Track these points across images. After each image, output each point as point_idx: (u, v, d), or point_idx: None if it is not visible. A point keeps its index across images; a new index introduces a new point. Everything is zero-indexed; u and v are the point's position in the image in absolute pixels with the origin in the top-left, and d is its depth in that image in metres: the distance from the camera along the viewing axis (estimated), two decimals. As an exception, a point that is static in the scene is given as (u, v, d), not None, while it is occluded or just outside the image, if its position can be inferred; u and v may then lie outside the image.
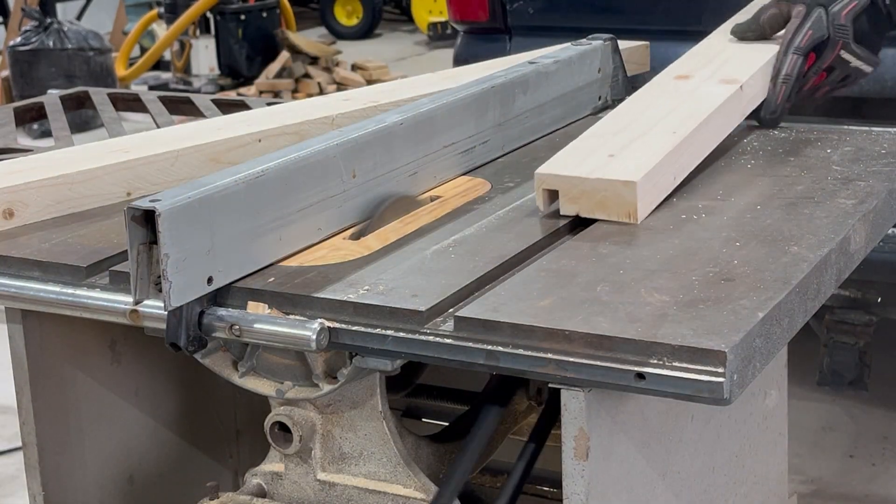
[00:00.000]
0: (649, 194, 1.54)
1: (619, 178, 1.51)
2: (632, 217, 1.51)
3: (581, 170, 1.54)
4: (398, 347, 1.31)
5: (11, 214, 1.62)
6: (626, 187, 1.50)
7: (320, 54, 8.81)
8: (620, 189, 1.51)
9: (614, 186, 1.51)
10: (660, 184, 1.58)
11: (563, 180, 1.54)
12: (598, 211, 1.52)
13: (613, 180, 1.51)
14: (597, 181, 1.52)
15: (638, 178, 1.51)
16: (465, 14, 3.64)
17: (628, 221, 1.51)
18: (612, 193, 1.51)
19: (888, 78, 3.05)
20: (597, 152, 1.60)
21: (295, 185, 1.46)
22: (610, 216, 1.52)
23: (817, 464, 3.38)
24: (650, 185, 1.54)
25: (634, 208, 1.50)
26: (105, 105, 2.53)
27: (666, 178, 1.59)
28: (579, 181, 1.52)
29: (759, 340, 1.24)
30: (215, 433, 1.96)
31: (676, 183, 1.62)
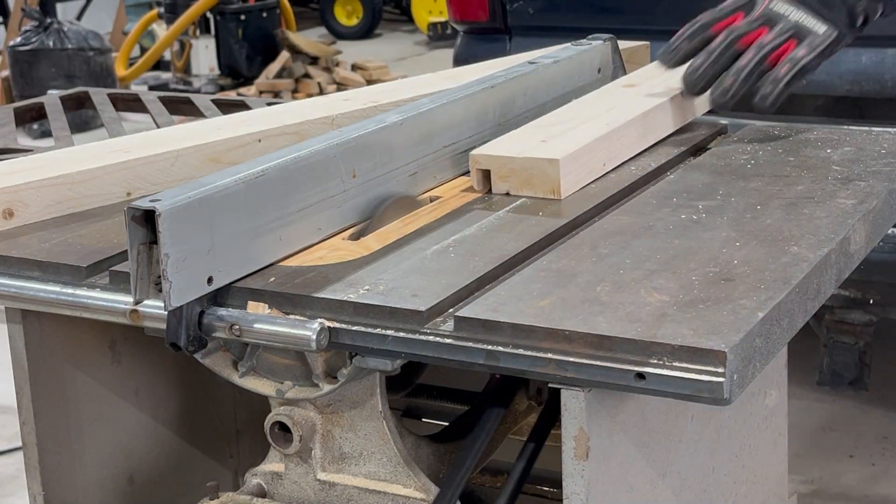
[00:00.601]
0: (574, 173, 1.64)
1: (545, 156, 1.63)
2: (555, 193, 1.62)
3: (512, 151, 1.67)
4: (398, 347, 1.31)
5: (11, 214, 1.62)
6: (551, 165, 1.62)
7: (320, 54, 8.81)
8: (545, 167, 1.62)
9: (540, 164, 1.63)
10: (587, 165, 1.68)
11: (494, 160, 1.66)
12: (526, 188, 1.64)
13: (539, 158, 1.63)
14: (524, 160, 1.64)
15: (561, 156, 1.62)
16: (465, 14, 3.64)
17: (553, 197, 1.61)
18: (537, 171, 1.63)
19: (888, 78, 3.06)
20: (531, 138, 1.72)
21: (295, 185, 1.46)
22: (536, 193, 1.63)
23: (817, 464, 3.38)
24: (575, 164, 1.65)
25: (558, 185, 1.62)
26: (105, 105, 2.53)
27: (594, 162, 1.69)
28: (508, 160, 1.65)
29: (759, 340, 1.24)
30: (215, 433, 1.96)
31: (606, 169, 1.72)
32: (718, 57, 1.82)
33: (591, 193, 1.65)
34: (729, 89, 1.79)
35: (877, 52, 3.05)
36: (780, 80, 1.78)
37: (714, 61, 1.82)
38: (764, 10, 1.84)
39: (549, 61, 1.98)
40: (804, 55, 1.80)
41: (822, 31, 1.81)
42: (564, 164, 1.62)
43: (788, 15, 1.82)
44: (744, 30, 1.82)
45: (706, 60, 1.82)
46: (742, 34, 1.82)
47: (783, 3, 1.83)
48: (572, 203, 1.62)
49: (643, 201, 1.62)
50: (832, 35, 1.81)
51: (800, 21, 1.82)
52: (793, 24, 1.81)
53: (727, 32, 1.83)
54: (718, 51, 1.82)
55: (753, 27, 1.83)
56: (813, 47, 1.80)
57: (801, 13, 1.82)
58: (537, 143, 1.69)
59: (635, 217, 1.55)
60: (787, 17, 1.82)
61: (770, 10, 1.83)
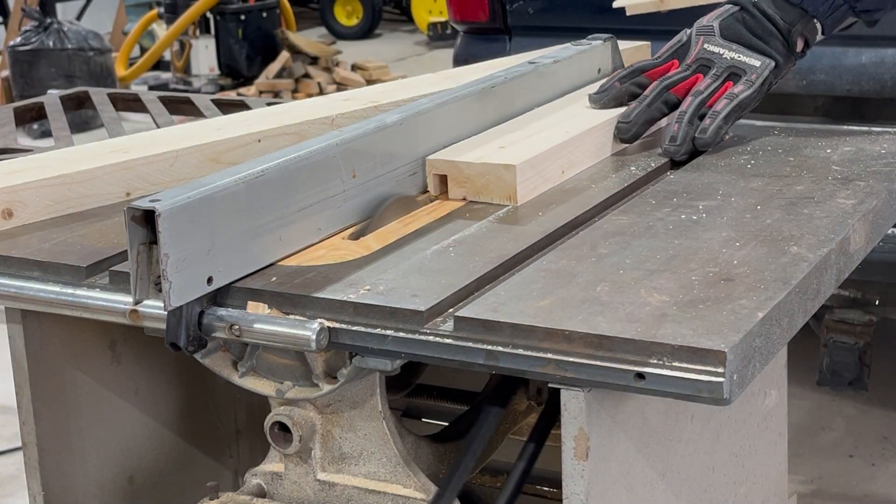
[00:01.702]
0: (531, 180, 1.63)
1: (501, 162, 1.61)
2: (512, 200, 1.60)
3: (468, 156, 1.65)
4: (398, 347, 1.31)
5: (10, 214, 1.62)
6: (507, 171, 1.60)
7: (320, 54, 8.81)
8: (501, 172, 1.60)
9: (496, 170, 1.61)
10: (544, 172, 1.66)
11: (450, 165, 1.64)
12: (483, 194, 1.62)
13: (495, 164, 1.61)
14: (480, 165, 1.62)
15: (517, 162, 1.60)
16: (465, 14, 3.64)
17: (509, 204, 1.60)
18: (494, 177, 1.61)
19: (888, 78, 3.06)
20: (489, 144, 1.70)
21: (295, 185, 1.46)
22: (493, 199, 1.61)
23: (817, 464, 3.38)
24: (532, 171, 1.63)
25: (514, 191, 1.60)
26: (105, 105, 2.53)
27: (552, 169, 1.67)
28: (465, 166, 1.63)
29: (759, 340, 1.24)
30: (215, 433, 1.96)
31: (566, 176, 1.70)
32: (650, 104, 1.80)
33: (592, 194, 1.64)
34: (676, 136, 1.76)
35: (877, 52, 3.06)
36: (718, 113, 1.77)
37: (644, 109, 1.80)
38: (698, 53, 1.83)
39: (549, 61, 1.98)
40: (741, 90, 1.79)
41: (757, 64, 1.81)
42: (521, 171, 1.60)
43: (723, 54, 1.82)
44: (676, 77, 1.82)
45: (637, 108, 1.80)
46: (674, 82, 1.82)
47: (716, 44, 1.83)
48: (578, 199, 1.61)
49: (643, 201, 1.62)
50: (769, 66, 1.81)
51: (735, 59, 1.81)
52: (728, 64, 1.81)
53: (659, 81, 1.82)
54: (650, 98, 1.80)
55: (687, 74, 1.82)
56: (751, 83, 1.79)
57: (735, 51, 1.82)
58: (495, 149, 1.67)
59: (635, 217, 1.55)
60: (722, 56, 1.82)
61: (704, 52, 1.83)
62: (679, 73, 1.83)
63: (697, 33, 1.85)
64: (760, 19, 1.83)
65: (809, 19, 1.84)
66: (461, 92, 1.78)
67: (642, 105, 1.80)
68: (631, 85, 1.85)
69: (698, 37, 1.84)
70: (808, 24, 1.84)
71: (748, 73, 1.80)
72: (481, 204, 1.61)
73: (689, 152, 1.77)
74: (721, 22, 1.84)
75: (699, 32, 1.85)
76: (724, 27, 1.84)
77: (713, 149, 1.86)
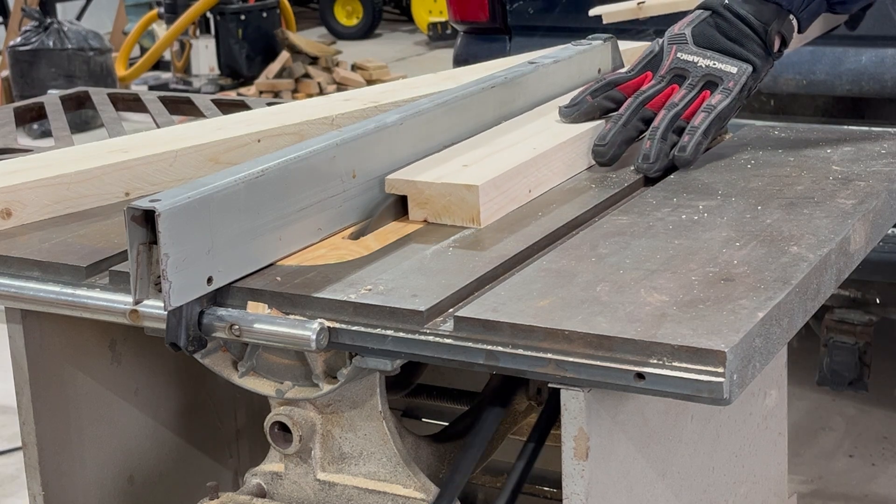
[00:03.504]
0: (494, 201, 1.54)
1: (463, 182, 1.53)
2: (475, 222, 1.52)
3: (429, 176, 1.56)
4: (398, 347, 1.31)
5: (9, 214, 1.62)
6: (469, 191, 1.52)
7: (320, 54, 8.82)
8: (464, 193, 1.52)
9: (458, 191, 1.53)
10: (509, 192, 1.57)
11: (411, 185, 1.56)
12: (445, 216, 1.54)
13: (457, 185, 1.53)
14: (442, 186, 1.54)
15: (480, 182, 1.52)
16: (465, 14, 3.65)
17: (472, 226, 1.52)
18: (456, 198, 1.53)
19: (888, 78, 3.06)
20: (453, 161, 1.62)
21: (295, 185, 1.46)
22: (455, 221, 1.53)
23: (817, 464, 3.38)
24: (496, 191, 1.55)
25: (477, 212, 1.52)
26: (105, 105, 2.53)
27: (518, 188, 1.59)
28: (426, 186, 1.55)
29: (759, 340, 1.24)
30: (215, 433, 1.96)
31: (532, 196, 1.62)
32: (626, 123, 1.72)
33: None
34: (649, 154, 1.69)
35: (877, 52, 3.06)
36: (696, 128, 1.70)
37: (621, 129, 1.72)
38: (671, 62, 1.77)
39: (549, 61, 1.98)
40: (719, 101, 1.72)
41: (734, 70, 1.74)
42: (484, 192, 1.52)
43: (697, 62, 1.75)
44: (651, 91, 1.75)
45: (613, 128, 1.72)
46: (650, 97, 1.75)
47: (690, 52, 1.76)
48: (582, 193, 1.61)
49: (643, 201, 1.62)
50: (746, 71, 1.74)
51: (710, 66, 1.74)
52: (703, 73, 1.74)
53: (634, 97, 1.75)
54: (625, 117, 1.72)
55: (662, 87, 1.75)
56: (728, 91, 1.73)
57: (710, 58, 1.75)
58: (458, 167, 1.59)
59: (635, 217, 1.55)
60: (697, 64, 1.75)
61: (678, 61, 1.76)
62: (653, 87, 1.76)
63: (669, 42, 1.78)
64: (734, 21, 1.76)
65: (785, 15, 1.77)
66: (461, 92, 1.78)
67: (618, 125, 1.72)
68: (603, 99, 1.79)
69: (670, 46, 1.77)
70: (783, 22, 1.78)
71: (725, 81, 1.74)
72: (442, 226, 1.53)
73: (663, 169, 1.70)
74: (693, 29, 1.77)
75: (671, 41, 1.78)
76: (697, 34, 1.77)
77: (713, 149, 1.87)
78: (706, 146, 1.73)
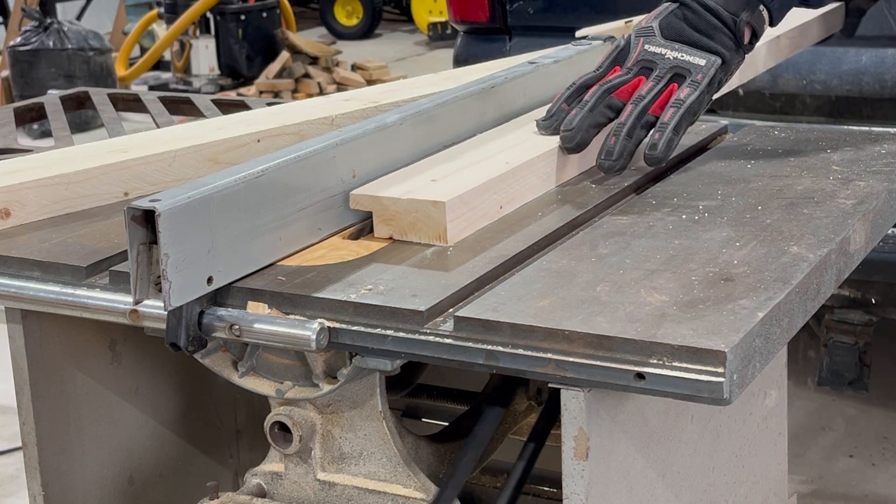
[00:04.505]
0: (463, 218, 1.49)
1: (429, 198, 1.48)
2: (441, 239, 1.46)
3: (395, 191, 1.51)
4: (398, 347, 1.31)
5: (8, 214, 1.62)
6: (436, 208, 1.46)
7: (320, 54, 8.82)
8: (430, 210, 1.47)
9: (424, 207, 1.47)
10: (479, 208, 1.52)
11: (375, 201, 1.50)
12: (411, 233, 1.48)
13: (423, 201, 1.47)
14: (408, 202, 1.48)
15: (447, 198, 1.47)
16: (465, 14, 3.65)
17: (439, 244, 1.47)
18: (422, 215, 1.47)
19: (888, 78, 3.06)
20: (420, 176, 1.57)
21: (295, 185, 1.46)
22: (421, 238, 1.48)
23: (817, 464, 3.38)
24: (464, 207, 1.49)
25: (444, 230, 1.46)
26: (105, 105, 2.53)
27: (488, 204, 1.54)
28: (392, 202, 1.49)
29: (759, 340, 1.24)
30: (215, 433, 1.96)
31: (504, 212, 1.56)
32: (592, 108, 1.67)
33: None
34: (613, 150, 1.65)
35: (877, 52, 3.06)
36: (666, 125, 1.65)
37: (587, 114, 1.67)
38: (638, 54, 1.71)
39: (549, 61, 1.98)
40: (687, 95, 1.67)
41: (702, 63, 1.69)
42: (452, 208, 1.47)
43: (665, 54, 1.70)
44: (617, 81, 1.70)
45: (579, 114, 1.67)
46: (615, 86, 1.69)
47: (657, 45, 1.71)
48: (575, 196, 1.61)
49: (643, 201, 1.62)
50: (715, 64, 1.69)
51: (678, 59, 1.69)
52: (671, 65, 1.69)
53: (599, 85, 1.70)
54: (591, 102, 1.67)
55: (629, 77, 1.70)
56: (697, 84, 1.68)
57: (678, 50, 1.70)
58: (426, 182, 1.54)
59: (635, 217, 1.55)
60: (664, 56, 1.70)
61: (645, 53, 1.71)
62: (620, 77, 1.71)
63: (636, 35, 1.73)
64: (702, 13, 1.71)
65: (755, 6, 1.73)
66: (461, 92, 1.78)
67: (584, 110, 1.67)
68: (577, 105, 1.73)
69: (637, 39, 1.72)
70: (754, 13, 1.73)
71: (693, 74, 1.68)
72: (407, 244, 1.48)
73: (626, 167, 1.66)
74: (661, 21, 1.72)
75: (638, 34, 1.73)
76: (665, 26, 1.72)
77: (713, 149, 1.87)
78: (677, 142, 1.69)
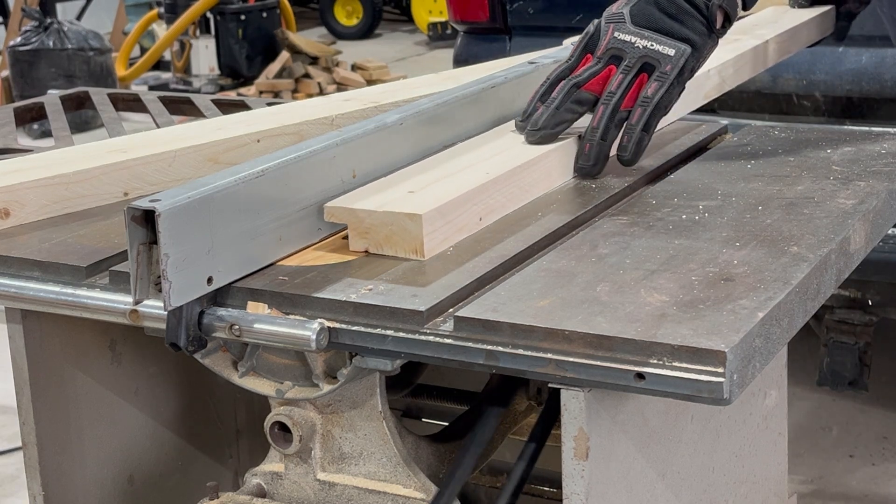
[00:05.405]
0: (440, 231, 1.45)
1: (406, 210, 1.44)
2: (418, 253, 1.42)
3: (370, 203, 1.47)
4: (398, 347, 1.31)
5: (7, 214, 1.62)
6: (412, 220, 1.42)
7: (320, 54, 8.82)
8: (406, 223, 1.43)
9: (400, 220, 1.43)
10: (457, 221, 1.48)
11: (350, 214, 1.46)
12: (387, 246, 1.44)
13: (399, 213, 1.43)
14: (383, 214, 1.44)
15: (424, 211, 1.43)
16: (465, 14, 3.65)
17: (415, 258, 1.43)
18: (398, 227, 1.43)
19: (888, 78, 3.06)
20: (398, 187, 1.53)
21: (295, 185, 1.46)
22: (397, 252, 1.44)
23: (817, 464, 3.38)
24: (442, 220, 1.45)
25: (420, 243, 1.42)
26: (105, 105, 2.53)
27: (467, 216, 1.50)
28: (367, 214, 1.45)
29: (759, 340, 1.24)
30: (215, 433, 1.96)
31: (483, 224, 1.52)
32: (558, 106, 1.65)
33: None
34: (589, 155, 1.64)
35: (877, 52, 3.06)
36: (634, 126, 1.64)
37: (553, 112, 1.65)
38: (608, 42, 1.67)
39: (549, 61, 1.97)
40: (654, 91, 1.64)
41: (671, 53, 1.65)
42: (429, 221, 1.42)
43: (634, 42, 1.66)
44: (587, 74, 1.67)
45: (544, 113, 1.65)
46: (584, 79, 1.67)
47: (627, 32, 1.67)
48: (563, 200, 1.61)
49: (643, 201, 1.62)
50: (685, 54, 1.65)
51: (647, 48, 1.65)
52: (640, 54, 1.65)
53: (567, 80, 1.67)
54: (558, 100, 1.65)
55: (599, 68, 1.67)
56: (664, 78, 1.65)
57: (648, 38, 1.66)
58: (404, 193, 1.50)
59: (635, 217, 1.55)
60: (634, 45, 1.65)
61: (615, 41, 1.67)
62: (589, 69, 1.67)
63: (607, 22, 1.68)
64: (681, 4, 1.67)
65: None
66: (461, 92, 1.78)
67: (550, 108, 1.65)
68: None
69: (608, 25, 1.68)
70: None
71: (662, 65, 1.65)
72: (382, 258, 1.44)
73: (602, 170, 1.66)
74: (631, 7, 1.68)
75: (608, 21, 1.68)
76: (635, 13, 1.67)
77: (713, 149, 1.87)
78: (648, 140, 1.66)
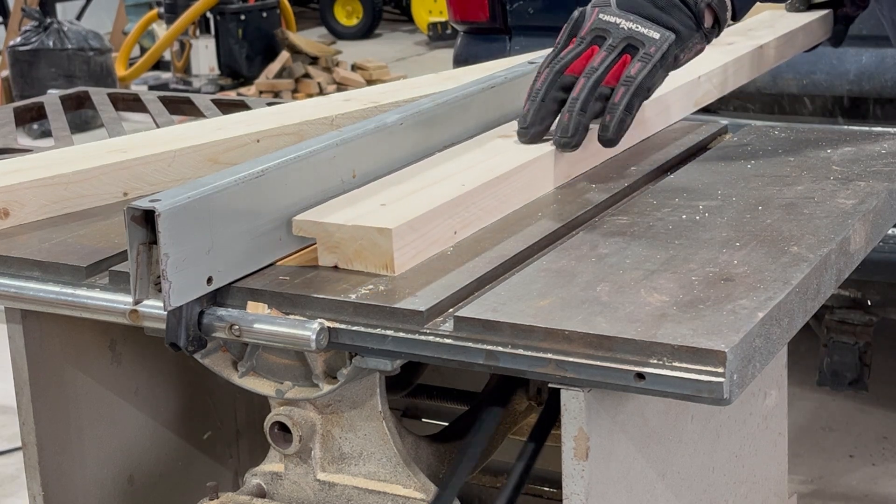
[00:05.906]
0: (412, 245, 1.40)
1: (376, 225, 1.39)
2: (389, 268, 1.38)
3: (340, 217, 1.42)
4: (398, 347, 1.31)
5: (7, 214, 1.62)
6: (382, 235, 1.38)
7: (320, 54, 8.82)
8: (376, 237, 1.38)
9: (370, 234, 1.38)
10: (429, 235, 1.43)
11: (319, 227, 1.41)
12: (357, 261, 1.39)
13: (369, 227, 1.39)
14: (353, 228, 1.39)
15: (394, 225, 1.38)
16: (465, 14, 3.65)
17: (386, 273, 1.38)
18: (368, 242, 1.39)
19: (888, 78, 3.06)
20: (369, 200, 1.48)
21: (295, 185, 1.46)
22: (367, 267, 1.39)
23: (817, 464, 3.38)
24: (413, 234, 1.41)
25: (391, 258, 1.37)
26: (105, 105, 2.53)
27: (440, 230, 1.45)
28: (336, 228, 1.40)
29: (759, 340, 1.24)
30: (215, 433, 1.96)
31: (458, 238, 1.48)
32: (543, 98, 1.62)
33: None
34: (568, 126, 1.59)
35: (877, 52, 3.06)
36: (616, 105, 1.59)
37: (539, 106, 1.62)
38: (592, 23, 1.64)
39: (549, 61, 1.97)
40: (638, 71, 1.60)
41: (656, 36, 1.62)
42: (399, 235, 1.38)
43: (619, 24, 1.62)
44: (569, 57, 1.63)
45: (530, 108, 1.63)
46: (567, 62, 1.62)
47: (612, 14, 1.64)
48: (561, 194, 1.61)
49: (643, 201, 1.62)
50: (669, 39, 1.61)
51: (632, 29, 1.62)
52: (625, 35, 1.62)
53: (549, 66, 1.63)
54: (542, 91, 1.62)
55: (581, 49, 1.63)
56: (648, 59, 1.61)
57: (633, 21, 1.62)
58: (375, 206, 1.45)
59: (635, 217, 1.55)
60: (619, 26, 1.62)
61: (599, 22, 1.64)
62: (571, 52, 1.63)
63: (593, 5, 1.66)
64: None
65: None
66: (461, 92, 1.78)
67: (536, 102, 1.62)
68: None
69: (593, 9, 1.65)
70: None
71: (646, 46, 1.61)
72: (353, 273, 1.39)
73: (581, 142, 1.61)
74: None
75: (594, 5, 1.66)
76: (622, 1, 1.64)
77: (713, 149, 1.87)
78: (630, 121, 1.62)
